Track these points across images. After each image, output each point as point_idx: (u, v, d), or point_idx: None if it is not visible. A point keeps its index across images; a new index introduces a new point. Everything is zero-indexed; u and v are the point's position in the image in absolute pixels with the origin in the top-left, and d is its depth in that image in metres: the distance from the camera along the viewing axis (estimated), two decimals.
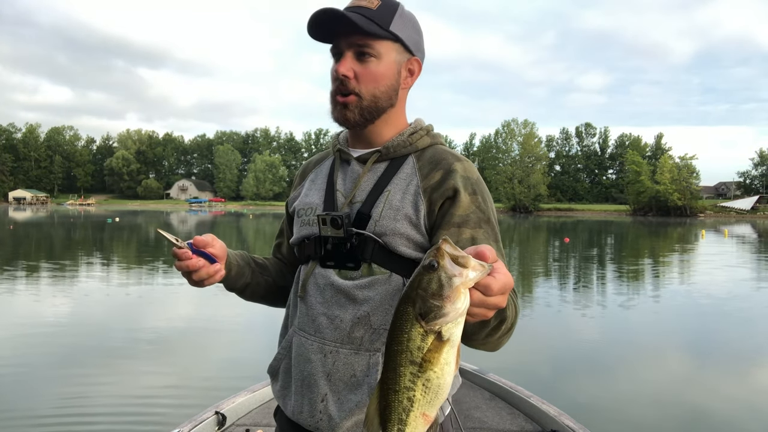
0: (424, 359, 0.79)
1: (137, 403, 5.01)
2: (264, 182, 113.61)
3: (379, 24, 1.25)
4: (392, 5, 1.29)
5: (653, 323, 8.81)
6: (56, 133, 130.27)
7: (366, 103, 1.29)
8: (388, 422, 0.83)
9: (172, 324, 8.28)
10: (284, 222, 1.59)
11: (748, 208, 79.58)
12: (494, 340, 1.12)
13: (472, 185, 1.28)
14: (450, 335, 0.79)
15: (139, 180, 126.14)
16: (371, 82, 1.28)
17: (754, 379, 6.21)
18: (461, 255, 0.78)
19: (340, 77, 1.26)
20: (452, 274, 0.77)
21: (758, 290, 12.64)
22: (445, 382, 0.81)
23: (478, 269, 0.78)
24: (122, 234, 29.58)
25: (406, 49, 1.32)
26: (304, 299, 1.34)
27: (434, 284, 0.77)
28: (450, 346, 0.80)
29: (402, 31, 1.29)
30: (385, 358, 0.83)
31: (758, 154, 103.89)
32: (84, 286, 11.75)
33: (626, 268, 16.56)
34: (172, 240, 1.20)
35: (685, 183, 75.72)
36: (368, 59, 1.27)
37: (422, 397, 0.81)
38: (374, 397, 0.85)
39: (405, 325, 0.79)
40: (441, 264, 0.77)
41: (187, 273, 1.23)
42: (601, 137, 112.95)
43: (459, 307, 0.77)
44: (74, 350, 6.78)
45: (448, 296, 0.76)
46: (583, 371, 6.28)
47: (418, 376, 0.80)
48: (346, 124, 1.33)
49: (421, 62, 1.37)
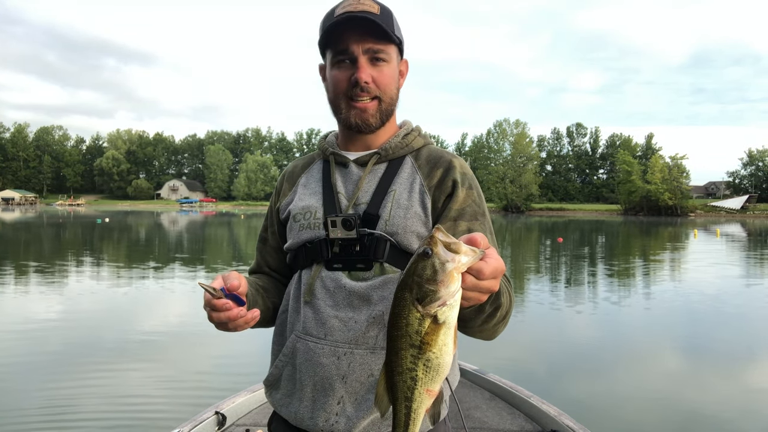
0: (423, 341, 0.83)
1: (137, 403, 4.99)
2: (255, 182, 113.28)
3: (388, 30, 1.29)
4: (389, 10, 1.33)
5: (652, 322, 8.82)
6: (45, 132, 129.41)
7: (384, 106, 1.34)
8: (396, 400, 0.89)
9: (172, 324, 8.24)
10: (269, 232, 1.55)
11: (738, 207, 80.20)
12: (490, 327, 1.15)
13: (468, 181, 1.35)
14: (446, 318, 0.82)
15: (130, 180, 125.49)
16: (387, 85, 1.32)
17: (752, 376, 6.22)
18: (453, 242, 0.81)
19: (361, 84, 1.28)
20: (445, 259, 0.80)
21: (754, 288, 12.72)
22: (444, 361, 0.85)
23: (470, 254, 0.82)
24: (112, 234, 29.35)
25: (401, 52, 1.38)
26: (310, 303, 1.33)
27: (429, 270, 0.80)
28: (446, 328, 0.83)
29: (400, 35, 1.35)
30: (387, 342, 0.87)
31: (747, 154, 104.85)
32: (77, 286, 11.63)
33: (623, 267, 16.62)
34: (211, 291, 1.12)
35: (675, 183, 76.22)
36: (381, 64, 1.30)
37: (424, 376, 0.85)
38: (381, 377, 0.90)
39: (403, 311, 0.83)
40: (434, 251, 0.80)
41: (228, 322, 1.16)
42: (592, 137, 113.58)
43: (453, 290, 0.81)
44: (74, 350, 6.73)
45: (441, 281, 0.80)
46: (583, 371, 6.28)
47: (418, 358, 0.84)
48: (368, 128, 1.34)
49: (408, 63, 1.42)
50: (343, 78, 1.30)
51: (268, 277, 1.54)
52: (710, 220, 63.59)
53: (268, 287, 1.48)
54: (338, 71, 1.31)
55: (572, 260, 18.28)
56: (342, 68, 1.30)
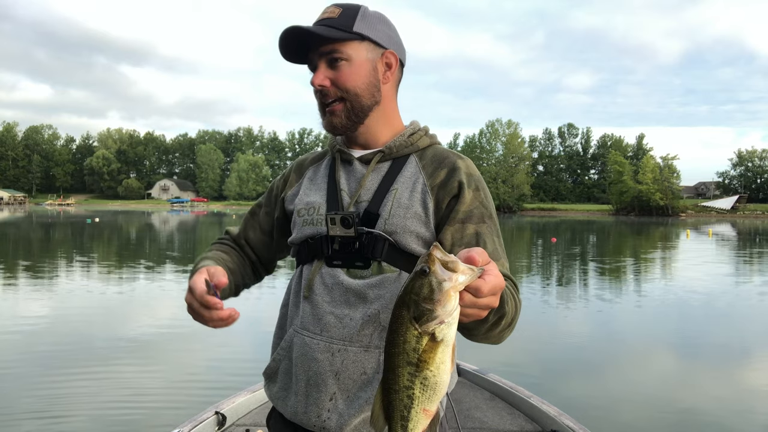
0: (420, 359, 0.82)
1: (137, 403, 4.97)
2: (247, 182, 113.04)
3: (340, 29, 1.28)
4: (353, 9, 1.32)
5: (652, 322, 8.83)
6: (34, 131, 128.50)
7: (353, 105, 1.32)
8: (392, 420, 0.88)
9: (171, 324, 8.19)
10: (262, 210, 1.56)
11: (728, 207, 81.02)
12: (495, 334, 1.14)
13: (475, 182, 1.33)
14: (443, 336, 0.82)
15: (120, 180, 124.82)
16: (348, 81, 1.30)
17: (751, 374, 6.24)
18: (451, 260, 0.81)
19: (317, 88, 1.31)
20: (442, 278, 0.80)
21: (750, 287, 12.81)
22: (441, 379, 0.85)
23: (468, 273, 0.82)
24: (102, 234, 29.15)
25: (377, 45, 1.34)
26: (309, 299, 1.33)
27: (426, 289, 0.80)
28: (444, 346, 0.83)
29: (367, 29, 1.32)
30: (384, 359, 0.86)
31: (737, 155, 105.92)
32: (68, 286, 11.52)
33: (620, 267, 16.68)
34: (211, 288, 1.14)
35: (666, 183, 76.86)
36: (340, 63, 1.30)
37: (421, 395, 0.85)
38: (377, 396, 0.89)
39: (400, 328, 0.83)
40: (432, 269, 0.80)
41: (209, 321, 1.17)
42: (584, 138, 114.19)
43: (449, 310, 0.81)
44: (73, 351, 6.67)
45: (438, 300, 0.80)
46: (583, 371, 6.27)
47: (415, 376, 0.84)
48: (335, 131, 1.36)
49: (397, 54, 1.38)
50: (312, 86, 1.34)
51: (239, 253, 1.55)
52: (701, 220, 64.13)
53: (235, 269, 1.48)
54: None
55: (569, 260, 18.35)
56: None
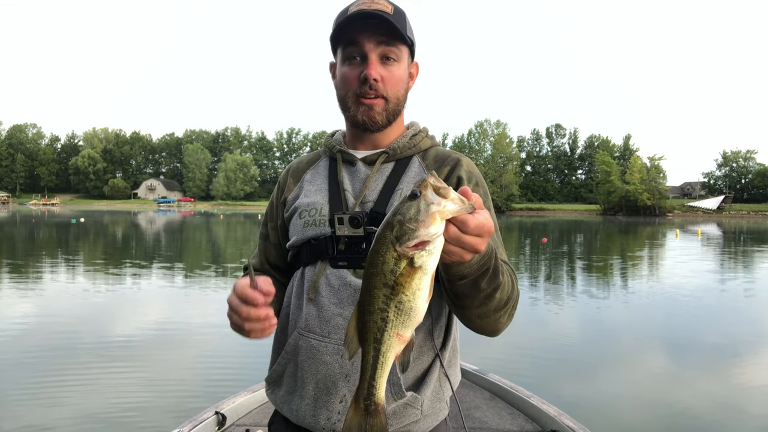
0: (397, 282, 0.82)
1: (137, 403, 4.96)
2: (235, 182, 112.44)
3: (401, 29, 1.29)
4: (403, 11, 1.33)
5: (652, 322, 8.84)
6: (18, 130, 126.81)
7: (391, 106, 1.33)
8: (365, 341, 0.87)
9: (171, 324, 8.15)
10: (269, 228, 1.53)
11: (714, 207, 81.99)
12: (490, 311, 1.11)
13: (474, 178, 1.36)
14: (422, 263, 0.82)
15: (106, 179, 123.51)
16: (395, 85, 1.32)
17: (741, 370, 6.27)
18: (443, 187, 0.82)
19: (370, 81, 1.28)
20: (431, 201, 0.80)
21: (745, 286, 12.93)
22: (416, 306, 0.84)
23: (457, 203, 0.82)
24: (89, 234, 28.81)
25: (412, 54, 1.38)
26: (314, 301, 1.31)
27: (413, 210, 0.80)
28: (422, 273, 0.82)
29: (412, 36, 1.35)
30: (362, 279, 0.87)
31: (722, 155, 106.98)
32: (55, 287, 11.37)
33: (618, 267, 16.76)
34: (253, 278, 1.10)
35: (654, 183, 77.52)
36: (392, 63, 1.30)
37: (395, 318, 0.84)
38: (352, 317, 0.89)
39: (381, 248, 0.83)
40: (423, 193, 0.81)
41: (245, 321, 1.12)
42: (571, 138, 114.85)
43: (431, 232, 0.80)
44: (72, 351, 6.60)
45: (422, 221, 0.79)
46: (583, 371, 6.27)
47: (391, 298, 0.83)
48: (374, 126, 1.34)
49: (418, 66, 1.42)
50: (353, 75, 1.30)
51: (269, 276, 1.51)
52: (688, 220, 64.82)
53: (279, 294, 1.46)
54: (348, 68, 1.31)
55: (564, 260, 18.42)
56: (352, 65, 1.30)
